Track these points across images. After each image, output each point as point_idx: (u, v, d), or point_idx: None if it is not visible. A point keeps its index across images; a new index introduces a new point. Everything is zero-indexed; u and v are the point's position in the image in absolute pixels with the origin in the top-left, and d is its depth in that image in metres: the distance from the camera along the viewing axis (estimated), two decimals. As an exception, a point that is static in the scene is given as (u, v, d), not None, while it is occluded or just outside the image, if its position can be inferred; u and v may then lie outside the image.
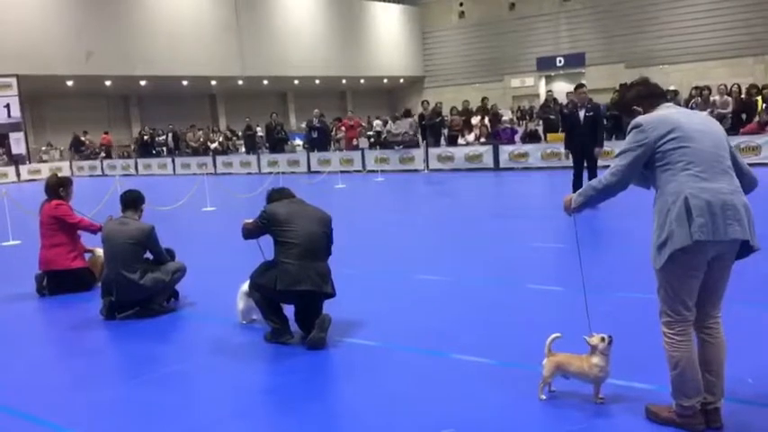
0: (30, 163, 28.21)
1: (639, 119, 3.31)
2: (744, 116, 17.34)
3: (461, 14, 41.82)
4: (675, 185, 3.14)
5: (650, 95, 3.41)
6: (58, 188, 7.18)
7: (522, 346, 4.56)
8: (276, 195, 5.28)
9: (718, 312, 3.33)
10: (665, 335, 3.27)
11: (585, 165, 11.06)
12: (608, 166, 3.50)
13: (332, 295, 5.04)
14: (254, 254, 5.37)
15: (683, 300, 3.20)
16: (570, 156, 11.48)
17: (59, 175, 7.97)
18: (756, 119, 16.41)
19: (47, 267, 7.03)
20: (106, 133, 31.41)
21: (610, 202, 3.48)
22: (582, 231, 3.84)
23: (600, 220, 9.26)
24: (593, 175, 10.80)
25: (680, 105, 14.16)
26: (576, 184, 10.82)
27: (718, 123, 3.47)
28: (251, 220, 5.19)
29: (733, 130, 16.54)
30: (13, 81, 27.09)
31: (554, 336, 3.76)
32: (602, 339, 3.59)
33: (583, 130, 10.99)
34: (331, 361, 4.70)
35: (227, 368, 4.66)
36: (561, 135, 19.30)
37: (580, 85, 11.84)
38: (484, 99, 23.69)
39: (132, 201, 6.23)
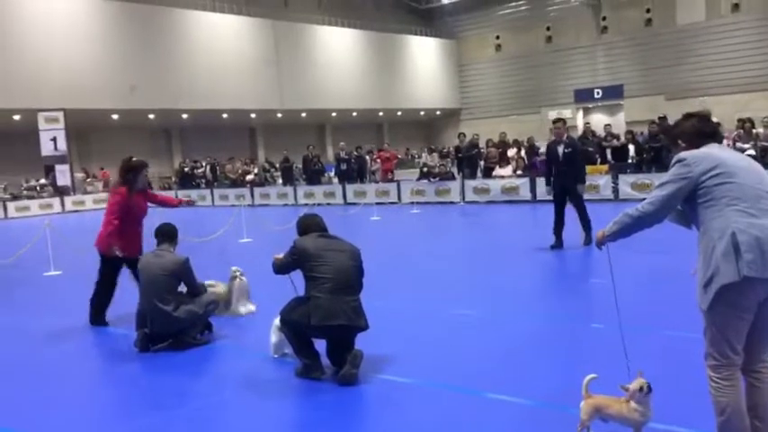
0: (74, 194, 28.94)
1: (684, 153, 3.25)
2: (789, 149, 16.88)
3: (498, 47, 42.06)
4: (721, 221, 3.04)
5: (698, 134, 3.35)
6: (125, 173, 6.96)
7: (559, 386, 4.42)
8: (306, 224, 5.26)
9: (768, 356, 3.18)
10: (710, 379, 3.13)
11: (570, 203, 10.32)
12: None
13: (365, 328, 4.99)
14: (289, 287, 5.35)
15: (731, 342, 3.06)
16: (552, 194, 10.62)
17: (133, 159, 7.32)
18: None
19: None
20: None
21: (652, 237, 3.38)
22: (622, 266, 3.72)
23: (640, 255, 9.04)
24: (582, 217, 10.24)
25: (723, 137, 13.58)
26: (557, 228, 10.26)
27: (757, 162, 3.38)
28: (281, 255, 5.18)
29: (777, 163, 16.15)
30: (60, 115, 27.96)
31: (590, 377, 3.62)
32: (641, 389, 3.42)
33: (562, 167, 10.36)
34: (362, 397, 4.62)
35: (258, 403, 4.62)
36: (600, 167, 19.22)
37: (557, 120, 10.99)
38: (530, 139, 23.24)
39: (167, 233, 6.31)
